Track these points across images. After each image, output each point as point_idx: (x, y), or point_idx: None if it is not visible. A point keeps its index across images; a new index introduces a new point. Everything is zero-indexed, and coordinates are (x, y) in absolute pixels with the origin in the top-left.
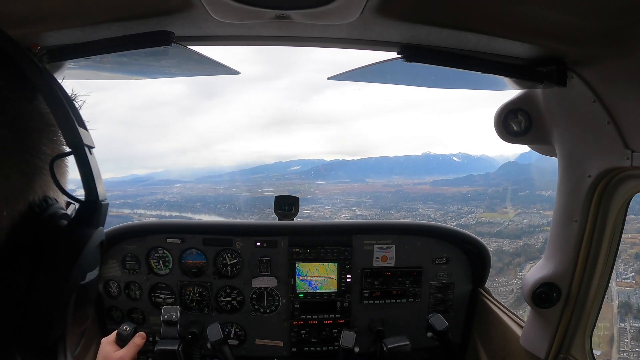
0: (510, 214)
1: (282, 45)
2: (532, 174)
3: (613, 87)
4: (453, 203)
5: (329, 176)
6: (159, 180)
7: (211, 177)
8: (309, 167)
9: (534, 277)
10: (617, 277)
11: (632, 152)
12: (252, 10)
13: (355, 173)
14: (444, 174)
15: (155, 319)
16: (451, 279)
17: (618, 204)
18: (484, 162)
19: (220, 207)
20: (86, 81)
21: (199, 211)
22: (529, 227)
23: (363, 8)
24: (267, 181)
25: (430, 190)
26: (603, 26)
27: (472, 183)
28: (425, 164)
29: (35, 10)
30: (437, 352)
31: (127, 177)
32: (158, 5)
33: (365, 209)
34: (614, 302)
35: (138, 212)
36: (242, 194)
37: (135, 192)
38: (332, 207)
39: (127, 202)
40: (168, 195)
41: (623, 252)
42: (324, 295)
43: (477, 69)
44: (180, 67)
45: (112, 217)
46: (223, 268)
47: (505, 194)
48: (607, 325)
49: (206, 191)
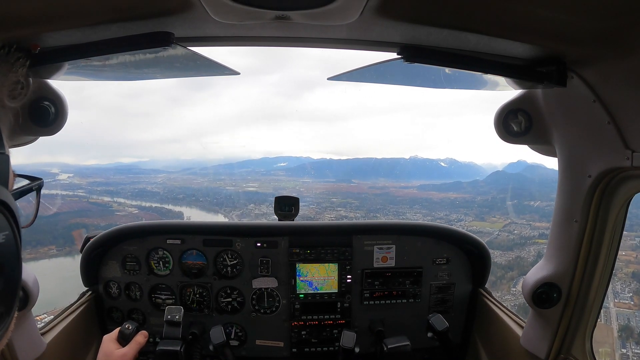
0: (499, 223)
1: (282, 46)
2: (521, 183)
3: (613, 87)
4: (441, 209)
5: (315, 174)
6: (144, 170)
7: (197, 169)
8: (296, 164)
9: (534, 277)
10: (615, 297)
11: (632, 152)
12: (252, 11)
13: (341, 173)
14: (431, 179)
15: (155, 320)
16: (451, 279)
17: (618, 204)
18: (471, 169)
19: (202, 200)
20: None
21: (180, 203)
22: (520, 239)
23: (363, 8)
24: (252, 176)
25: (417, 194)
26: (603, 26)
27: (460, 190)
28: (412, 167)
29: (35, 11)
30: (438, 353)
31: (112, 164)
32: (158, 6)
33: (350, 210)
34: (614, 325)
35: (118, 200)
36: (226, 188)
37: (118, 180)
38: (317, 207)
39: (108, 190)
40: (150, 185)
41: (618, 270)
42: (324, 296)
43: (477, 69)
44: (180, 68)
45: (91, 204)
46: (223, 269)
47: (494, 203)
48: (609, 351)
49: (190, 183)
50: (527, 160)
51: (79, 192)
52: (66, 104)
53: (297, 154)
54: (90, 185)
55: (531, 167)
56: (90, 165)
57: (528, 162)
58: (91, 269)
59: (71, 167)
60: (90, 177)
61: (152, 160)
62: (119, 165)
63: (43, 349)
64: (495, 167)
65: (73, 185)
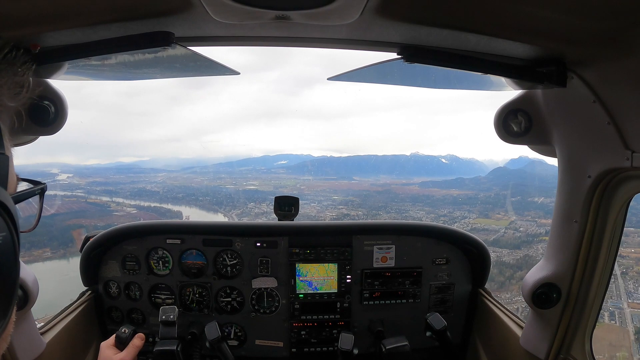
0: (505, 220)
1: (282, 46)
2: (523, 179)
3: (613, 88)
4: (444, 206)
5: (316, 172)
6: (144, 169)
7: (197, 168)
8: (297, 162)
9: (534, 277)
10: (629, 297)
11: (632, 152)
12: (252, 10)
13: (342, 170)
14: (432, 176)
15: (155, 320)
16: (451, 280)
17: (618, 205)
18: (472, 165)
19: (201, 200)
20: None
21: (179, 202)
22: (526, 236)
23: (363, 8)
24: (253, 174)
25: (419, 191)
26: (603, 26)
27: (462, 186)
28: (413, 164)
29: (35, 11)
30: (437, 353)
31: (112, 164)
32: (158, 5)
33: (352, 208)
34: (629, 327)
35: (117, 200)
36: (226, 187)
37: (117, 179)
38: (318, 205)
39: (107, 190)
40: (150, 185)
41: (630, 268)
42: (324, 296)
43: (477, 69)
44: (180, 68)
45: (89, 204)
46: (223, 268)
47: (497, 199)
48: (626, 355)
49: (190, 182)
50: (529, 156)
51: (78, 192)
52: (66, 104)
53: (297, 152)
54: (90, 185)
55: (533, 163)
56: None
57: (530, 157)
58: (91, 268)
59: (71, 167)
60: (90, 177)
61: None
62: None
63: (42, 348)
64: (496, 164)
65: (72, 186)
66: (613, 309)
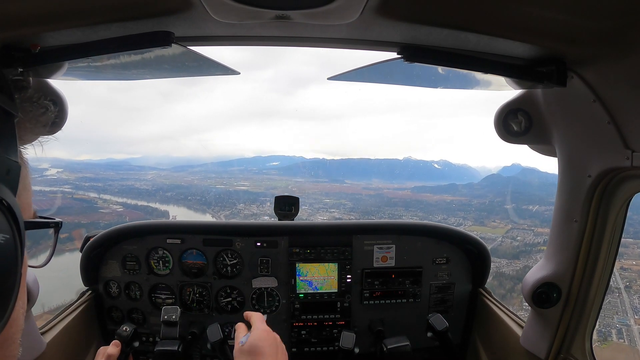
0: (501, 229)
1: (282, 46)
2: (516, 187)
3: (613, 87)
4: (437, 212)
5: (308, 174)
6: (134, 166)
7: (188, 167)
8: (289, 164)
9: (534, 277)
10: (635, 313)
11: (632, 152)
12: (252, 10)
13: (334, 173)
14: (425, 181)
15: (155, 319)
16: (451, 279)
17: (618, 204)
18: (465, 171)
19: (190, 199)
20: None
21: (167, 201)
22: (524, 246)
23: (363, 8)
24: (244, 175)
25: (411, 196)
26: (603, 26)
27: (455, 192)
28: (406, 168)
29: (35, 10)
30: (438, 352)
31: (103, 160)
32: (158, 5)
33: (344, 212)
34: (639, 345)
35: (104, 197)
36: (216, 186)
37: (107, 176)
38: (309, 207)
39: (95, 186)
40: (140, 182)
41: (633, 282)
42: (324, 296)
43: (477, 69)
44: (180, 68)
45: (75, 200)
46: (223, 268)
47: (492, 206)
48: None
49: (180, 180)
50: (522, 164)
51: (65, 188)
52: (66, 104)
53: (289, 153)
54: (79, 181)
55: (525, 171)
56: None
57: (522, 165)
58: (91, 268)
59: (62, 162)
60: (79, 173)
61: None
62: (110, 161)
63: (43, 348)
64: (489, 170)
65: (60, 181)
66: (620, 326)
